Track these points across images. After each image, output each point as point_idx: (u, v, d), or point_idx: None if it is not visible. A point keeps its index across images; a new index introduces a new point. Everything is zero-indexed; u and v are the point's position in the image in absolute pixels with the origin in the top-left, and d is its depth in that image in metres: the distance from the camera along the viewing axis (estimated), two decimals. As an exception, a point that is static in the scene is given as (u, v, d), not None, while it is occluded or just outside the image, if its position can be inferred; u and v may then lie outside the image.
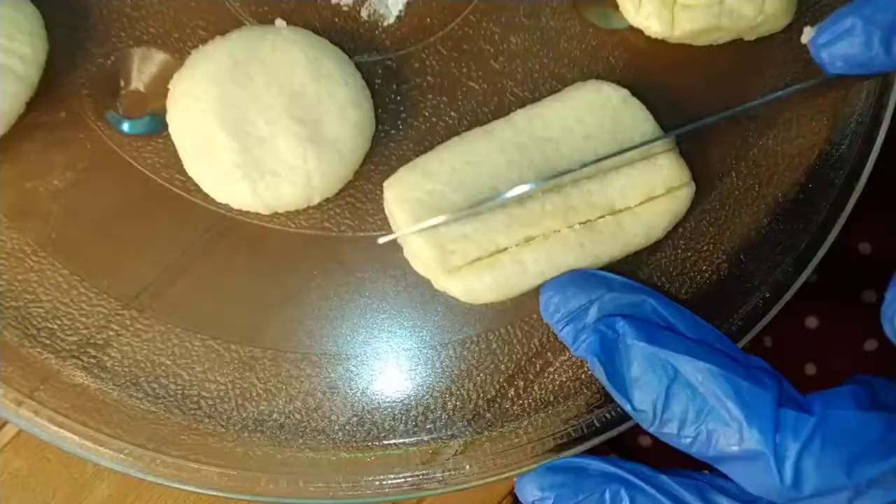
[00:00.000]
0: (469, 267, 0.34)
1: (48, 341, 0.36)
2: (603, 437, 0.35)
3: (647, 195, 0.35)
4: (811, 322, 0.51)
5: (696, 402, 0.27)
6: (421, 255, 0.35)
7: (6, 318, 0.36)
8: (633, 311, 0.30)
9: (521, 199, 0.35)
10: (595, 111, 0.36)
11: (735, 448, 0.26)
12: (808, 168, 0.39)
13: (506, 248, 0.34)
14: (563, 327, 0.31)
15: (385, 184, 0.36)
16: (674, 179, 0.36)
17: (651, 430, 0.28)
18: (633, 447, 0.50)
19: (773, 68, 0.40)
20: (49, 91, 0.38)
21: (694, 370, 0.27)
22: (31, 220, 0.37)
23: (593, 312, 0.30)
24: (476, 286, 0.34)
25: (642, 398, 0.28)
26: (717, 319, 0.37)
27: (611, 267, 0.35)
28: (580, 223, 0.35)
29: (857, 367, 0.51)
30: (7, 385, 0.35)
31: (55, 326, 0.36)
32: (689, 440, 0.27)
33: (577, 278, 0.32)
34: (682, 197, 0.36)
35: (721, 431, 0.27)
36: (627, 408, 0.29)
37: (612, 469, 0.30)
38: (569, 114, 0.36)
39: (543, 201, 0.35)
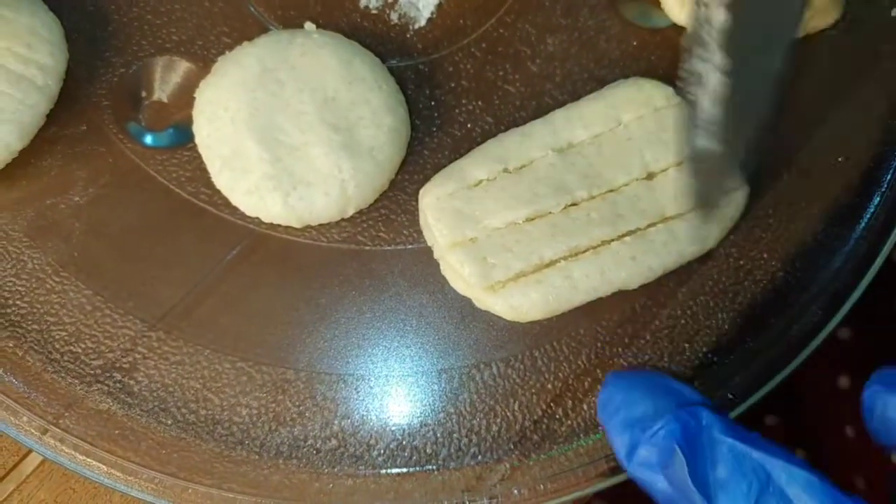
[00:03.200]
0: (514, 283, 0.32)
1: (72, 366, 0.34)
2: (659, 459, 0.33)
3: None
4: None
5: None
6: (460, 271, 0.33)
7: (28, 342, 0.35)
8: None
9: (565, 208, 0.33)
10: (637, 110, 0.35)
11: None
12: (863, 170, 0.37)
13: (552, 262, 0.33)
14: (622, 433, 0.27)
15: (420, 192, 0.34)
16: (725, 184, 0.34)
17: None
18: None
19: (821, 67, 0.38)
20: (69, 103, 0.37)
21: (790, 478, 0.24)
22: (52, 238, 0.36)
23: (658, 425, 0.26)
24: (522, 303, 0.32)
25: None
26: (774, 330, 0.35)
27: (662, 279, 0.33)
28: (630, 232, 0.33)
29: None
30: (30, 412, 0.34)
31: (79, 350, 0.35)
32: None
33: (646, 382, 0.28)
34: (736, 201, 0.34)
35: None
36: None
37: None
38: (610, 113, 0.35)
39: (589, 209, 0.33)
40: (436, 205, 0.33)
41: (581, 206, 0.33)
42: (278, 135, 0.34)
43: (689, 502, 0.24)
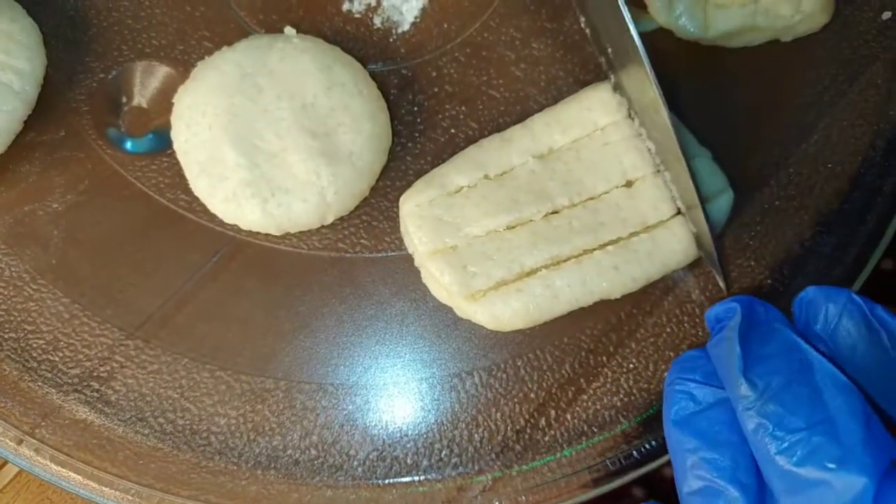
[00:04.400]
0: (495, 291, 0.32)
1: (49, 374, 0.34)
2: (642, 471, 0.32)
3: (678, 206, 0.33)
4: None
5: (815, 407, 0.23)
6: (441, 279, 0.32)
7: (4, 351, 0.34)
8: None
9: (546, 215, 0.33)
10: (613, 114, 0.34)
11: (831, 467, 0.22)
12: (852, 176, 0.36)
13: (533, 270, 0.32)
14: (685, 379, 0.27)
15: (401, 199, 0.34)
16: (709, 187, 0.34)
17: (742, 407, 0.24)
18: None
19: (811, 71, 0.37)
20: (47, 108, 0.36)
21: (832, 379, 0.24)
22: (29, 245, 0.35)
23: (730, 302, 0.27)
24: (503, 312, 0.32)
25: (761, 373, 0.24)
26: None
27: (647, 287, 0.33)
28: (612, 241, 0.32)
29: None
30: (6, 422, 0.33)
31: (56, 359, 0.34)
32: (780, 441, 0.23)
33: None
34: (721, 206, 0.34)
35: (825, 447, 0.23)
36: (735, 372, 0.25)
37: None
38: (586, 116, 0.34)
39: (570, 217, 0.33)
40: (416, 212, 0.33)
41: (562, 213, 0.33)
42: (256, 141, 0.33)
43: (727, 365, 0.25)
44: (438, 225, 0.33)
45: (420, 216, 0.33)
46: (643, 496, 0.38)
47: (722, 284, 0.34)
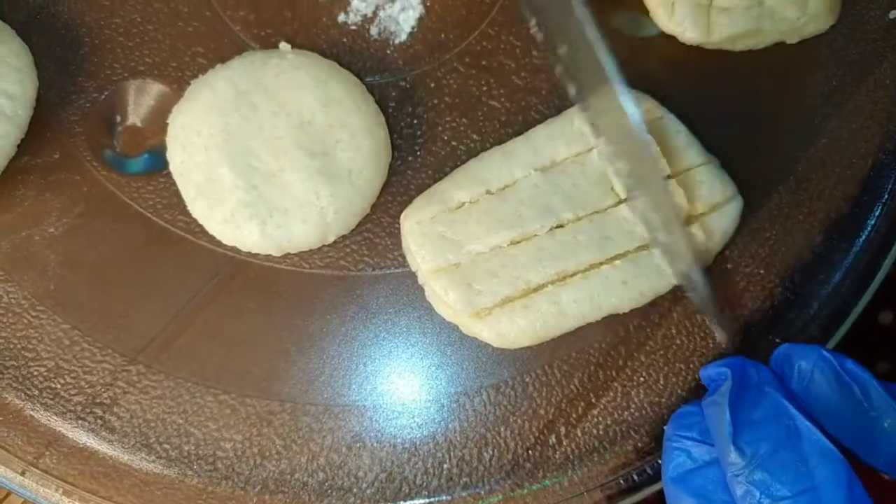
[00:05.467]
0: (500, 309, 0.31)
1: (51, 402, 0.34)
2: (656, 487, 0.32)
3: (686, 215, 0.32)
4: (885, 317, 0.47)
5: (801, 476, 0.24)
6: (445, 298, 0.32)
7: (6, 379, 0.34)
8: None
9: (551, 230, 0.32)
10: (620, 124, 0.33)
11: None
12: (862, 179, 0.36)
13: (539, 287, 0.31)
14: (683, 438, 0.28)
15: (402, 216, 0.33)
16: (716, 195, 0.33)
17: (731, 473, 0.25)
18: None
19: (818, 73, 0.37)
20: (41, 131, 0.35)
21: (818, 447, 0.25)
22: (27, 271, 0.35)
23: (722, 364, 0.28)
24: (510, 330, 0.31)
25: (749, 440, 0.25)
26: (773, 348, 0.34)
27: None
28: (619, 255, 0.32)
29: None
30: (9, 452, 0.33)
31: (58, 386, 0.34)
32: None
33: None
34: (729, 213, 0.33)
35: None
36: (725, 439, 0.25)
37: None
38: (591, 129, 0.33)
39: (575, 231, 0.32)
40: (417, 230, 0.32)
41: (567, 227, 0.32)
42: (253, 161, 0.32)
43: (718, 431, 0.26)
44: (441, 242, 0.32)
45: (422, 234, 0.32)
46: None
47: (721, 337, 0.33)
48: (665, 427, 0.29)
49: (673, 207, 0.29)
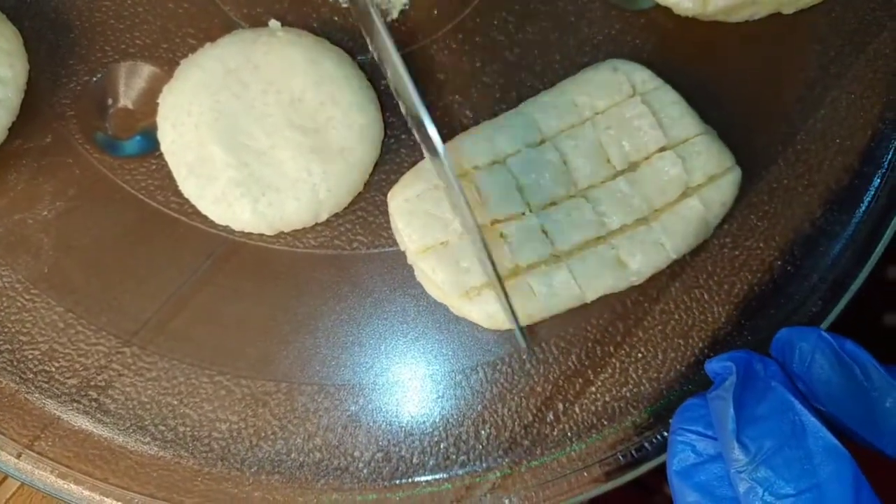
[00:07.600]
0: (489, 289, 0.31)
1: (46, 385, 0.33)
2: (654, 463, 0.32)
3: (685, 186, 0.32)
4: (891, 319, 0.46)
5: (805, 473, 0.24)
6: (433, 277, 0.31)
7: (0, 363, 0.34)
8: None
9: (544, 207, 0.32)
10: (613, 96, 0.33)
11: None
12: (862, 150, 0.35)
13: (530, 266, 0.31)
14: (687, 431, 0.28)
15: (388, 194, 0.33)
16: (713, 165, 0.32)
17: (734, 469, 0.25)
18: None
19: (816, 43, 0.36)
20: (32, 114, 0.35)
21: (823, 444, 0.24)
22: (21, 254, 0.35)
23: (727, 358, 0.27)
24: (499, 311, 0.30)
25: (753, 436, 0.25)
26: (774, 323, 0.33)
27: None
28: (614, 232, 0.31)
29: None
30: (5, 436, 0.33)
31: (53, 369, 0.34)
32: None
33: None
34: (728, 184, 0.32)
35: None
36: (729, 435, 0.25)
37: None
38: (584, 101, 0.33)
39: (569, 208, 0.31)
40: (404, 207, 0.32)
41: (560, 205, 0.31)
42: (244, 139, 0.32)
43: (722, 426, 0.25)
44: (428, 220, 0.31)
45: (409, 212, 0.32)
46: None
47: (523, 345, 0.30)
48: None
49: (488, 254, 0.27)
